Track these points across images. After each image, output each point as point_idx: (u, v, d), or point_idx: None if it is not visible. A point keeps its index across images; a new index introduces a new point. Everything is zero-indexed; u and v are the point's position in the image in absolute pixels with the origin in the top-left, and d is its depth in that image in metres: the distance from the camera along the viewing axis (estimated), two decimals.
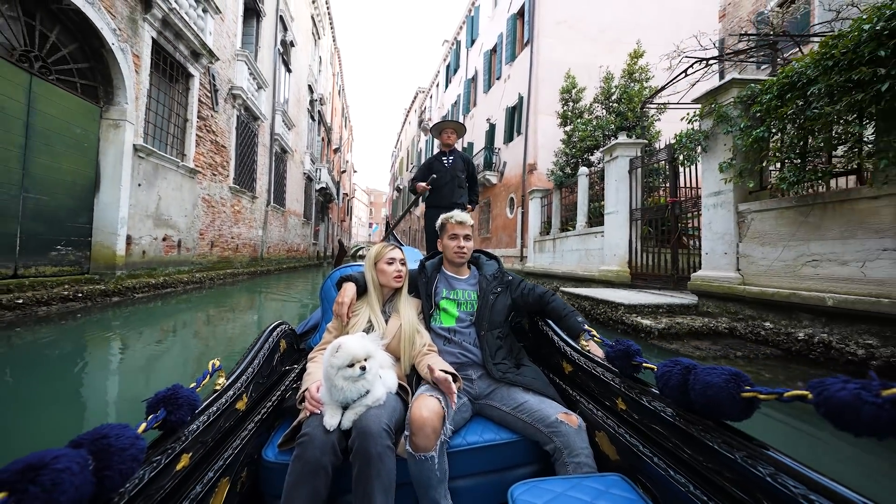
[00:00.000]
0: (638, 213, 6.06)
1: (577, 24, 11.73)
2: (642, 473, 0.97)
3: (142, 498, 0.66)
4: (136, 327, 4.09)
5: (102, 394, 2.42)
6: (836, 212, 3.06)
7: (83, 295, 4.55)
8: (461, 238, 1.49)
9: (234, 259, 9.44)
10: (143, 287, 5.59)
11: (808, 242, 3.27)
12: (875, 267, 2.80)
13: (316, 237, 20.08)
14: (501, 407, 1.25)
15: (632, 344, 1.08)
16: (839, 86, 2.79)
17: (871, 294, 2.80)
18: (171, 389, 0.80)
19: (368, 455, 0.97)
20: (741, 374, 0.75)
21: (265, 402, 1.24)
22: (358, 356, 1.05)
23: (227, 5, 8.47)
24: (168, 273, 6.46)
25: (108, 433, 0.58)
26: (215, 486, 0.89)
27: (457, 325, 1.43)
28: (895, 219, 2.69)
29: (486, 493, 1.15)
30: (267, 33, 11.27)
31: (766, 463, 0.68)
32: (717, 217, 4.19)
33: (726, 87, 4.03)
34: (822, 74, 2.92)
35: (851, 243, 2.95)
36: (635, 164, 6.10)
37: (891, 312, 2.65)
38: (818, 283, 3.18)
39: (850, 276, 2.96)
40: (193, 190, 7.37)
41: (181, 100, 7.06)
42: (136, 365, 2.96)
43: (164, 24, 6.07)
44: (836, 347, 2.89)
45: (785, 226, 3.47)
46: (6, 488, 0.46)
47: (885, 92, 2.49)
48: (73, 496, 0.49)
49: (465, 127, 3.87)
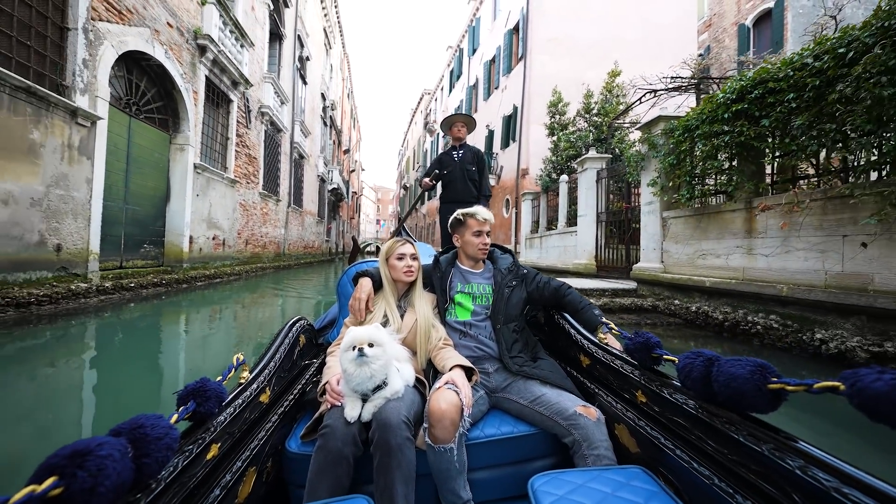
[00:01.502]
0: (603, 216, 7.30)
1: (566, 40, 12.86)
2: (664, 466, 0.97)
3: (176, 485, 0.69)
4: (199, 306, 5.50)
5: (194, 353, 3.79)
6: (714, 220, 4.31)
7: (165, 282, 5.98)
8: (485, 234, 1.51)
9: (262, 255, 10.88)
10: (201, 277, 7.02)
11: (700, 241, 4.52)
12: (733, 258, 4.05)
13: (328, 234, 21.56)
14: (519, 400, 1.25)
15: (651, 336, 1.08)
16: (711, 132, 4.03)
17: (731, 277, 4.06)
18: (200, 382, 0.83)
19: (389, 446, 0.99)
20: (767, 365, 0.73)
21: (287, 395, 1.28)
22: (358, 339, 1.07)
23: (257, 36, 9.82)
24: (216, 266, 7.89)
25: (145, 423, 0.62)
26: (243, 475, 0.91)
27: (472, 319, 1.44)
28: (743, 225, 3.94)
29: (506, 485, 1.16)
30: (287, 53, 12.62)
31: (794, 455, 0.66)
32: (649, 221, 5.43)
33: (656, 120, 5.25)
34: (701, 123, 4.15)
35: (722, 242, 4.20)
36: (601, 175, 7.32)
37: (738, 289, 3.90)
38: (704, 270, 4.43)
39: (720, 266, 4.21)
40: (233, 197, 8.79)
41: (223, 121, 8.46)
42: (201, 335, 4.32)
43: (213, 62, 7.44)
44: (710, 315, 4.15)
45: (688, 229, 4.72)
46: (56, 472, 0.49)
47: (733, 139, 3.73)
48: (116, 481, 0.52)
49: (475, 121, 3.79)
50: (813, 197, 3.15)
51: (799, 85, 3.17)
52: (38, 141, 3.88)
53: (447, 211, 3.39)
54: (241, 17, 8.77)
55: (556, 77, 12.08)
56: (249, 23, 9.28)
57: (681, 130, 4.57)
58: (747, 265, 3.90)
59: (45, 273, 4.05)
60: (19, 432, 1.86)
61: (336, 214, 25.27)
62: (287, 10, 12.39)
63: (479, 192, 3.60)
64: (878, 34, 2.60)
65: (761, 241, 3.74)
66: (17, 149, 3.67)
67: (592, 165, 7.47)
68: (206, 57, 7.12)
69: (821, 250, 3.19)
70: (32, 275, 3.90)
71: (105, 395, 2.35)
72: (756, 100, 3.55)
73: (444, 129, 3.65)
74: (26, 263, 3.83)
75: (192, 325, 4.26)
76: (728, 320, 3.91)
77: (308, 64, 15.31)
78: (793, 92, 3.20)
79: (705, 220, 4.44)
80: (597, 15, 13.10)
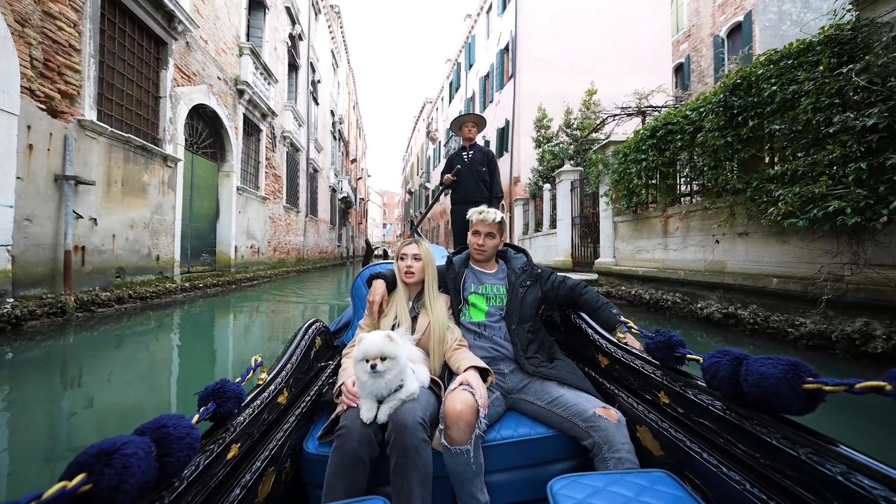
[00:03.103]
0: (577, 220, 8.66)
1: (551, 59, 14.22)
2: (690, 470, 0.93)
3: (198, 484, 0.71)
4: (246, 302, 6.99)
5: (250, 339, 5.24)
6: (645, 224, 5.67)
7: (220, 283, 7.49)
8: (482, 235, 1.49)
9: (286, 260, 12.41)
10: (243, 279, 8.53)
11: (637, 241, 5.88)
12: (656, 253, 5.41)
13: (340, 240, 23.16)
14: (536, 401, 1.23)
15: (673, 335, 1.04)
16: (637, 158, 5.39)
17: (654, 267, 5.41)
18: (219, 384, 0.85)
19: (405, 447, 1.00)
20: (801, 363, 0.70)
21: (304, 396, 1.29)
22: (370, 353, 1.06)
23: (278, 71, 11.37)
24: (253, 270, 9.42)
25: (167, 423, 0.64)
26: (262, 475, 0.93)
27: (486, 320, 1.43)
28: (661, 228, 5.29)
29: (524, 488, 1.15)
30: (302, 80, 14.18)
31: (835, 460, 0.62)
32: (605, 225, 6.79)
33: (608, 144, 6.62)
34: (630, 151, 5.52)
35: (650, 241, 5.56)
36: (574, 185, 8.69)
37: (658, 276, 5.26)
38: (640, 262, 5.79)
39: (649, 258, 5.57)
40: (264, 211, 10.33)
41: (255, 148, 10.00)
42: (249, 324, 5.78)
43: (249, 102, 8.98)
44: (642, 297, 5.50)
45: (630, 231, 6.08)
46: (85, 469, 0.51)
47: (649, 164, 5.09)
48: (141, 479, 0.54)
49: (485, 120, 3.78)
50: (689, 209, 4.52)
51: (683, 130, 4.53)
52: (147, 181, 5.41)
53: (458, 211, 3.44)
54: (267, 57, 10.31)
55: (542, 93, 13.46)
56: (273, 61, 10.82)
57: (621, 154, 5.93)
58: (664, 258, 5.25)
59: (151, 276, 5.56)
60: (148, 385, 3.07)
61: (346, 221, 26.88)
62: (301, 42, 13.96)
63: (490, 192, 3.56)
64: (714, 105, 3.97)
65: (671, 239, 5.10)
66: (137, 188, 5.20)
67: (567, 177, 8.84)
68: (243, 98, 8.66)
69: (701, 245, 4.55)
70: (145, 277, 5.42)
71: (191, 369, 3.14)
72: (662, 137, 4.92)
73: (455, 130, 3.64)
74: (142, 269, 5.35)
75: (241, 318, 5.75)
76: (652, 299, 5.27)
77: (319, 86, 16.89)
78: (679, 134, 4.57)
79: (640, 224, 5.80)
80: (578, 34, 14.45)
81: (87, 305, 4.23)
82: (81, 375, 2.86)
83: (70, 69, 4.20)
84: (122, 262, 5.03)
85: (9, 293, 3.52)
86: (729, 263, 4.14)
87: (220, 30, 7.66)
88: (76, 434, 2.02)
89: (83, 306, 4.17)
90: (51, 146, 3.96)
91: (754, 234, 3.79)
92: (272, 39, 10.66)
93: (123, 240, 5.04)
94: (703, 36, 17.37)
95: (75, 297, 4.09)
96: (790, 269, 3.43)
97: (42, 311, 3.71)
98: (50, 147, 3.95)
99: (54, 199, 4.01)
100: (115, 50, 5.07)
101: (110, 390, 2.61)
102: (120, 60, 5.16)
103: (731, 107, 3.76)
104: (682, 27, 17.75)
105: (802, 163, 3.05)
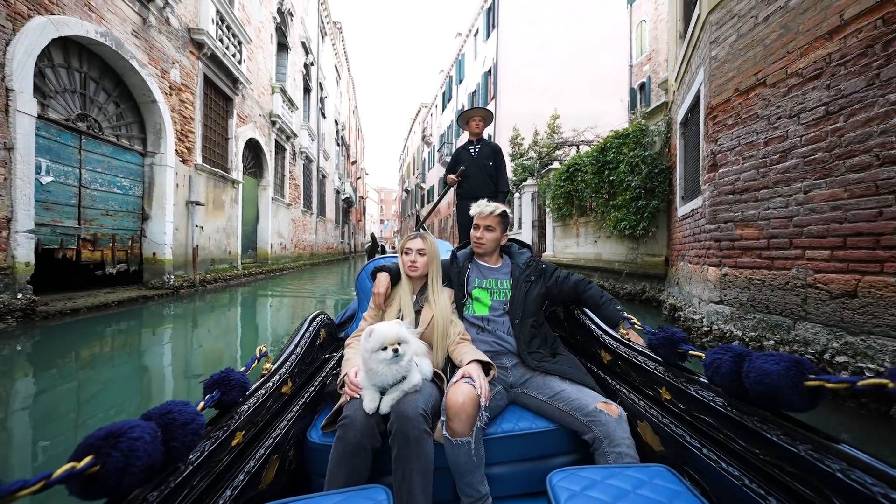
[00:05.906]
0: (536, 223, 11.19)
1: (526, 83, 16.66)
2: (690, 465, 0.94)
3: (204, 469, 0.73)
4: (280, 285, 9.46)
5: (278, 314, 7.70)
6: (568, 229, 8.20)
7: (263, 272, 9.95)
8: (481, 229, 1.51)
9: (303, 255, 14.86)
10: (276, 269, 11.00)
11: (564, 240, 8.42)
12: (571, 249, 7.95)
13: (343, 237, 25.57)
14: (537, 396, 1.25)
15: (676, 331, 1.06)
16: (560, 185, 7.90)
17: (572, 257, 7.96)
18: (224, 372, 0.87)
19: (407, 438, 1.02)
20: (803, 360, 0.71)
21: (308, 387, 1.33)
22: (388, 339, 1.08)
23: (297, 98, 13.72)
24: (282, 263, 11.88)
25: (173, 409, 0.66)
26: (266, 462, 0.96)
27: (490, 314, 1.45)
28: (574, 232, 7.82)
29: (524, 481, 1.17)
30: (313, 100, 16.51)
31: (835, 457, 0.63)
32: (549, 228, 9.33)
33: (551, 169, 9.13)
34: (556, 179, 8.03)
35: (569, 240, 8.09)
36: (534, 196, 11.21)
37: (573, 264, 7.79)
38: (566, 255, 8.33)
39: (570, 252, 8.11)
40: (289, 215, 12.76)
41: (281, 164, 12.41)
42: (281, 303, 8.23)
43: (279, 129, 11.38)
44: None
45: (562, 233, 8.62)
46: (93, 451, 0.53)
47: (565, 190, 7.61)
48: (146, 462, 0.56)
49: (492, 113, 3.78)
50: (585, 221, 7.07)
51: (581, 169, 7.04)
52: (224, 199, 7.86)
53: (464, 206, 3.40)
54: (290, 88, 12.66)
55: (518, 113, 15.90)
56: (293, 90, 13.16)
57: (556, 179, 8.45)
58: (576, 251, 7.80)
59: (226, 265, 8.03)
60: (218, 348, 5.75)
61: (347, 219, 29.26)
62: (312, 67, 16.26)
63: (496, 187, 3.51)
64: (590, 159, 6.50)
65: (579, 239, 7.64)
66: (220, 205, 7.66)
67: (529, 189, 11.35)
68: (275, 127, 11.06)
69: (591, 243, 7.09)
70: (223, 266, 7.88)
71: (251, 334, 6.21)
72: (572, 173, 7.42)
73: (461, 124, 3.62)
74: (222, 260, 7.82)
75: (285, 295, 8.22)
76: None
77: (326, 101, 19.20)
78: (578, 172, 7.08)
79: (565, 228, 8.34)
80: (551, 63, 16.90)
81: (202, 283, 6.70)
82: (211, 322, 5.35)
83: (190, 132, 6.63)
84: (213, 256, 7.50)
85: (172, 272, 6.00)
86: (603, 255, 6.69)
87: (260, 78, 10.05)
88: (211, 355, 4.50)
89: (201, 283, 6.65)
90: (184, 183, 6.41)
91: (610, 238, 6.35)
92: (292, 73, 13.02)
93: (214, 241, 7.51)
94: (660, 60, 19.92)
95: (199, 277, 6.58)
96: (621, 257, 6.00)
97: (184, 285, 6.19)
98: (183, 184, 6.40)
99: (185, 215, 6.47)
100: (207, 112, 7.49)
101: (233, 332, 5.09)
102: (210, 119, 7.58)
103: (598, 160, 6.28)
104: (644, 50, 20.24)
105: (620, 199, 5.60)
